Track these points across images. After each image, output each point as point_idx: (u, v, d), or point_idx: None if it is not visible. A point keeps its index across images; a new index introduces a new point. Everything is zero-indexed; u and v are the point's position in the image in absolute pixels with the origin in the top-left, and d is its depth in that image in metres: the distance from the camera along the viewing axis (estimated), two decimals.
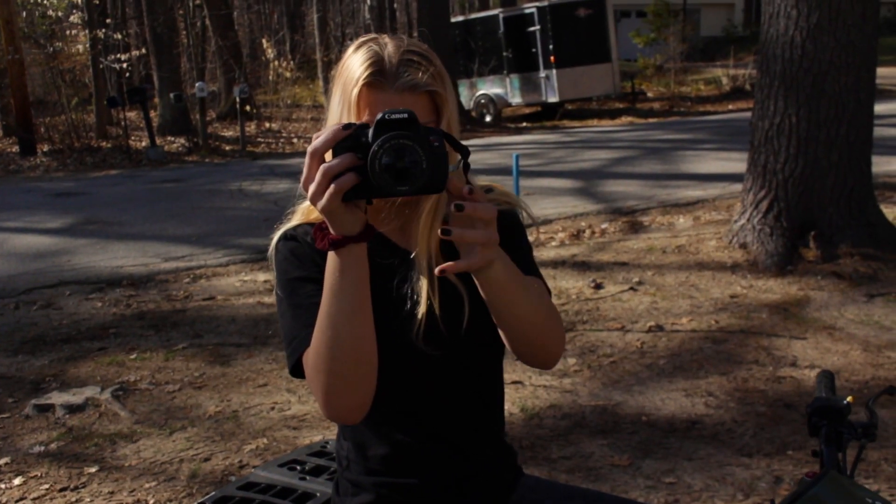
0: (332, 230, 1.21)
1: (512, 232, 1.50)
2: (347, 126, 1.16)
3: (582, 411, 3.79)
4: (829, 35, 5.58)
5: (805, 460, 3.23)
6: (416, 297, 1.43)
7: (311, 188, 1.16)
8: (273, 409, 3.99)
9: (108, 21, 20.72)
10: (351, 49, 1.39)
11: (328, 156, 1.17)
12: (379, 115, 1.15)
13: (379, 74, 1.33)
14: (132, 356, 4.81)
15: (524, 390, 4.02)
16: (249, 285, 6.26)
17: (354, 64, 1.35)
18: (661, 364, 4.30)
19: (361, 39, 1.40)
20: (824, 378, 1.73)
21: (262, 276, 6.44)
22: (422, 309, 1.42)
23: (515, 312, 1.31)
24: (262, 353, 4.76)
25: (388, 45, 1.36)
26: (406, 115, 1.14)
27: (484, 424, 1.55)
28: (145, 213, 9.51)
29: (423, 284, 1.43)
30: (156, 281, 6.51)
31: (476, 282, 1.28)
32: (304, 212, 1.51)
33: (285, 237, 1.48)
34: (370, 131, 1.15)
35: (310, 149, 1.16)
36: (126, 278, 6.58)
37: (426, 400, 1.49)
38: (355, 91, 1.33)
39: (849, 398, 1.60)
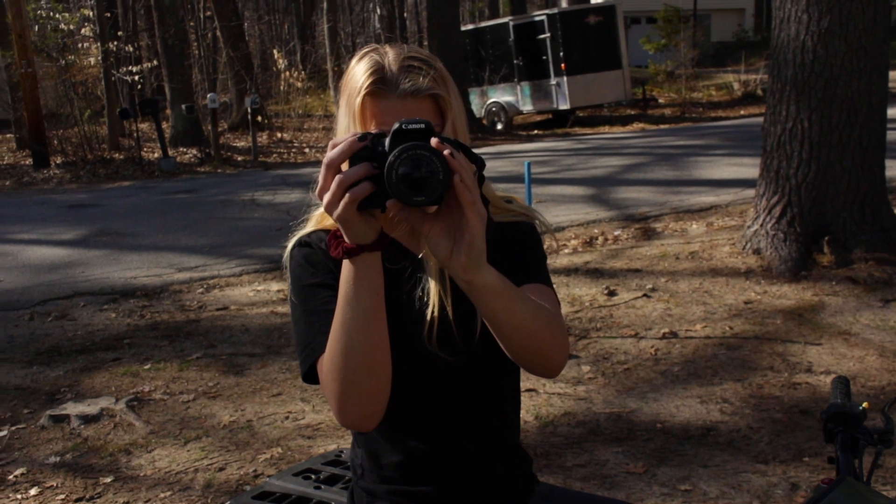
0: (346, 238, 1.21)
1: (525, 238, 1.51)
2: (363, 137, 1.16)
3: (596, 419, 3.78)
4: (841, 39, 5.56)
5: (822, 467, 3.21)
6: (426, 299, 1.44)
7: (326, 197, 1.16)
8: (287, 418, 4.00)
9: (119, 34, 20.85)
10: (354, 60, 1.40)
11: (344, 165, 1.17)
12: (395, 125, 1.14)
13: (380, 82, 1.34)
14: (146, 367, 4.83)
15: (538, 398, 4.01)
16: (262, 295, 6.27)
17: (357, 74, 1.37)
18: (675, 371, 4.29)
19: (363, 50, 1.41)
20: (839, 384, 1.72)
21: (275, 286, 6.45)
22: (433, 311, 1.42)
23: (509, 322, 1.27)
24: (275, 362, 4.77)
25: (389, 54, 1.37)
26: (423, 126, 1.14)
27: (499, 432, 1.55)
28: (158, 224, 9.55)
29: (434, 286, 1.43)
30: (169, 291, 6.54)
31: (470, 297, 1.24)
32: (317, 219, 1.52)
33: (300, 244, 1.49)
34: (387, 141, 1.15)
35: (325, 159, 1.16)
36: (140, 289, 6.61)
37: (440, 407, 1.49)
38: (358, 100, 1.35)
39: (864, 404, 1.59)
